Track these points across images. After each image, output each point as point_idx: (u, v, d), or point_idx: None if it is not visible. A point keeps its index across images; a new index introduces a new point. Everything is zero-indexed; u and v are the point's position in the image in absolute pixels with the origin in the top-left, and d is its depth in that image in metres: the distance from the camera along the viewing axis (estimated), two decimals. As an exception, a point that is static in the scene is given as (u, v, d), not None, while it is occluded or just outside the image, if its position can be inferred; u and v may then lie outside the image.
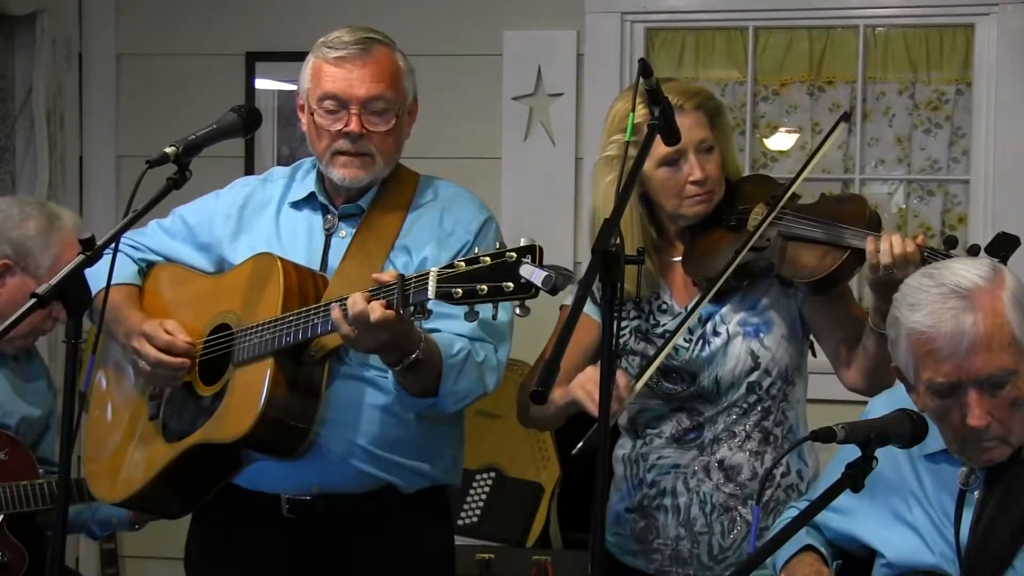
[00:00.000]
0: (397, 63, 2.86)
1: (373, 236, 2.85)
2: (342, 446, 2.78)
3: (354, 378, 2.78)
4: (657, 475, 2.97)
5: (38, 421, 3.57)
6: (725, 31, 4.80)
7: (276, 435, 2.73)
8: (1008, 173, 4.53)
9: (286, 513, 2.83)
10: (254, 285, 2.81)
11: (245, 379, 2.75)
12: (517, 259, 2.37)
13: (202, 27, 5.03)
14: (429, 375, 2.71)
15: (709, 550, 2.94)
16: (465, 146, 4.77)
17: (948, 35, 4.68)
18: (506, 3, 4.82)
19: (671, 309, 2.98)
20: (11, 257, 3.48)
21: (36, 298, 2.28)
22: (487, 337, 2.81)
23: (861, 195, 3.11)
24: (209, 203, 3.01)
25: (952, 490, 2.41)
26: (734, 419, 2.94)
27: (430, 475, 2.89)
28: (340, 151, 2.81)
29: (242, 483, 2.86)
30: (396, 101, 2.83)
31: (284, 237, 2.90)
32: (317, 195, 2.90)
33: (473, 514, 4.28)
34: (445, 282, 2.42)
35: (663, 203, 2.95)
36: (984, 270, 2.35)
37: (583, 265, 4.64)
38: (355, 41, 2.81)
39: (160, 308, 2.95)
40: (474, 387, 2.78)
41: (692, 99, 2.90)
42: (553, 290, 2.33)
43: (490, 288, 2.38)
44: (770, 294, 2.95)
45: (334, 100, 2.79)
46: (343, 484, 2.81)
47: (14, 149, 4.92)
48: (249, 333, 2.76)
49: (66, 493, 2.37)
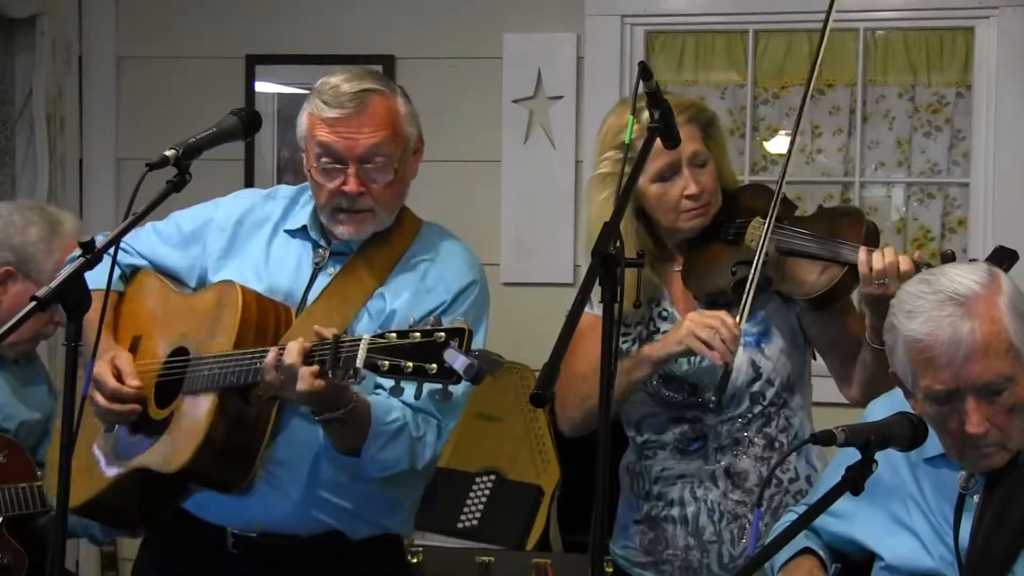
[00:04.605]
0: (395, 109, 2.75)
1: (356, 280, 2.78)
2: (292, 487, 2.73)
3: (311, 419, 2.66)
4: (664, 486, 2.96)
5: (38, 425, 3.57)
6: (725, 34, 4.80)
7: (215, 471, 2.68)
8: (1008, 176, 4.53)
9: (231, 548, 2.78)
10: (215, 313, 2.75)
11: (191, 411, 2.69)
12: (445, 341, 2.32)
13: (202, 30, 5.04)
14: (355, 436, 2.62)
15: (719, 559, 2.92)
16: (465, 149, 4.77)
17: (948, 38, 4.68)
18: (506, 6, 4.82)
19: (672, 316, 2.97)
20: (13, 263, 3.48)
21: (36, 301, 2.28)
22: (434, 411, 2.72)
23: (859, 208, 3.09)
24: (207, 212, 2.95)
25: (952, 494, 2.41)
26: (738, 427, 2.93)
27: (380, 525, 2.82)
28: (339, 208, 2.74)
29: (192, 509, 2.81)
30: (395, 152, 2.73)
31: (272, 264, 2.84)
32: (309, 230, 2.83)
33: (473, 517, 4.28)
34: (375, 352, 2.37)
35: (660, 218, 2.94)
36: (981, 276, 2.33)
37: (583, 269, 4.64)
38: (350, 96, 2.69)
39: (134, 318, 2.91)
40: (400, 460, 2.68)
41: (684, 112, 2.86)
42: (475, 379, 2.29)
43: (415, 367, 2.33)
44: (769, 305, 2.94)
45: (330, 157, 2.71)
46: (288, 525, 2.75)
47: (14, 152, 4.93)
48: (201, 364, 2.71)
49: (66, 495, 2.36)
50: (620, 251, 2.22)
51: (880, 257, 2.70)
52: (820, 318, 2.92)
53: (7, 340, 2.55)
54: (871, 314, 2.75)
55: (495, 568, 4.05)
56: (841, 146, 4.77)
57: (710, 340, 2.73)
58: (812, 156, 4.80)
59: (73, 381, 2.30)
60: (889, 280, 2.65)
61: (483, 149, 4.83)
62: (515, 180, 4.81)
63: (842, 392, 2.96)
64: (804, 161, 4.78)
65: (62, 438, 2.33)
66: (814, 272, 2.84)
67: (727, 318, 2.74)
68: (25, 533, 3.47)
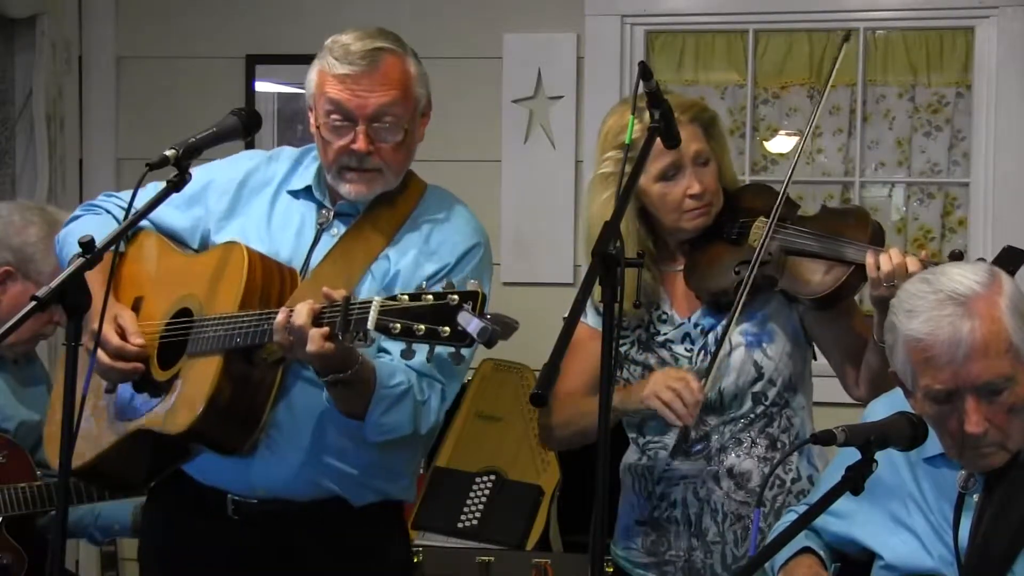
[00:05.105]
0: (407, 70, 2.74)
1: (361, 242, 2.78)
2: (295, 451, 2.72)
3: (315, 384, 2.67)
4: (666, 487, 2.96)
5: (37, 425, 3.55)
6: (725, 34, 4.80)
7: (219, 433, 2.67)
8: (1008, 175, 4.53)
9: (231, 514, 2.78)
10: (219, 274, 2.73)
11: (195, 373, 2.68)
12: (458, 304, 2.31)
13: (202, 30, 5.04)
14: (358, 399, 2.62)
15: (723, 559, 2.92)
16: (465, 149, 4.77)
17: (948, 38, 4.68)
18: (506, 6, 4.82)
19: (671, 319, 2.97)
20: (12, 264, 3.48)
21: (36, 301, 2.28)
22: (438, 375, 2.71)
23: (864, 208, 3.08)
24: (209, 173, 2.92)
25: (951, 494, 2.41)
26: (740, 428, 2.92)
27: (383, 491, 2.82)
28: (347, 167, 2.73)
29: (193, 473, 2.81)
30: (405, 112, 2.72)
31: (275, 224, 2.83)
32: (313, 190, 2.83)
33: (473, 517, 4.28)
34: (386, 315, 2.36)
35: (662, 218, 2.93)
36: (981, 276, 2.34)
37: (583, 269, 4.64)
38: (362, 54, 2.70)
39: (135, 278, 2.88)
40: (403, 424, 2.68)
41: (687, 112, 2.86)
42: (488, 343, 2.28)
43: (427, 330, 2.32)
44: (771, 304, 2.93)
45: (340, 115, 2.70)
46: (289, 490, 2.74)
47: (14, 152, 4.93)
48: (205, 325, 2.69)
49: (66, 496, 2.37)
50: (620, 251, 2.23)
51: (888, 259, 2.70)
52: (824, 318, 2.91)
53: (7, 340, 2.55)
54: (879, 313, 2.75)
55: (495, 568, 4.05)
56: (841, 146, 4.77)
57: (671, 402, 2.74)
58: (812, 156, 4.80)
59: (73, 381, 2.30)
60: (899, 281, 2.64)
61: (483, 149, 4.83)
62: (515, 180, 4.82)
63: (848, 392, 2.95)
64: (804, 161, 4.78)
65: (62, 438, 2.33)
66: (819, 272, 2.84)
67: (692, 381, 2.76)
68: (25, 533, 3.47)
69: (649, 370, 2.93)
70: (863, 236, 2.82)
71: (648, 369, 2.94)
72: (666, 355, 2.95)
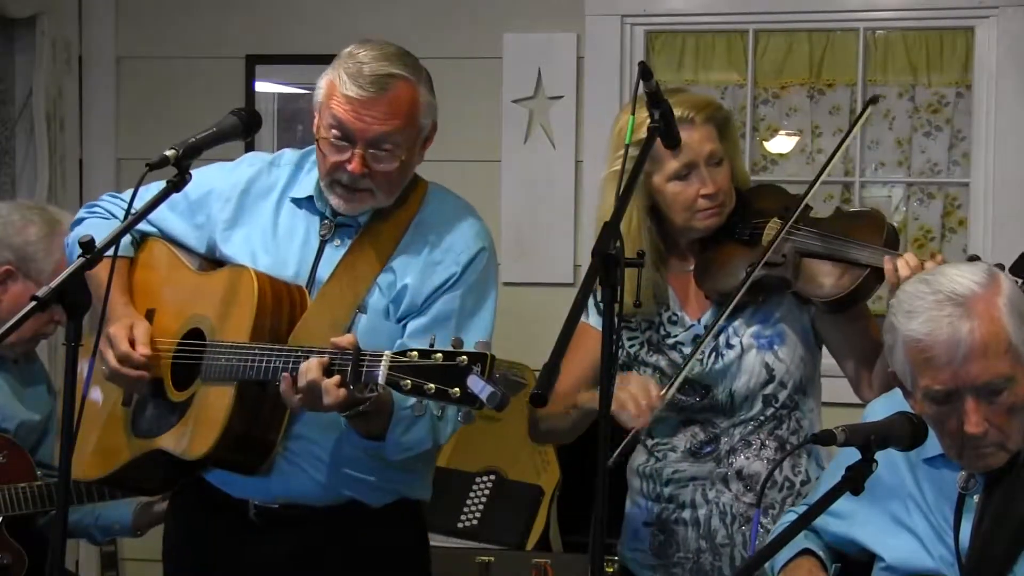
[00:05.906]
0: (416, 99, 2.70)
1: (365, 255, 2.77)
2: (313, 465, 2.75)
3: None
4: (675, 488, 2.95)
5: (38, 425, 3.57)
6: (725, 34, 4.80)
7: (235, 459, 2.71)
8: (1008, 176, 4.53)
9: (253, 517, 2.81)
10: (230, 298, 2.75)
11: (209, 399, 2.70)
12: (468, 365, 2.34)
13: (202, 30, 5.03)
14: (378, 422, 2.64)
15: (731, 561, 2.91)
16: (465, 149, 4.76)
17: (948, 38, 4.68)
18: (506, 6, 4.82)
19: (682, 320, 2.97)
20: (13, 263, 3.48)
21: (36, 301, 2.28)
22: None
23: (878, 210, 3.08)
24: (212, 178, 2.91)
25: (951, 494, 2.41)
26: (749, 430, 2.92)
27: (400, 492, 2.85)
28: (338, 182, 2.72)
29: (214, 482, 2.84)
30: (406, 141, 2.70)
31: (281, 234, 2.83)
32: (315, 200, 2.82)
33: (473, 517, 4.28)
34: (396, 371, 2.39)
35: (674, 217, 2.93)
36: (981, 276, 2.33)
37: (583, 269, 4.64)
38: (372, 79, 2.65)
39: (147, 288, 2.89)
40: (423, 440, 2.71)
41: (702, 111, 2.86)
42: (498, 407, 2.31)
43: (437, 390, 2.35)
44: (783, 307, 2.93)
45: (340, 132, 2.67)
46: (308, 497, 2.78)
47: (14, 152, 4.93)
48: (219, 352, 2.71)
49: (66, 496, 2.36)
50: (620, 251, 2.23)
51: (905, 264, 2.69)
52: (837, 321, 2.90)
53: (7, 340, 2.55)
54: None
55: (495, 568, 4.05)
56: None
57: (624, 404, 2.69)
58: (812, 156, 4.80)
59: (73, 381, 2.30)
60: None
61: (483, 149, 4.83)
62: (515, 180, 4.82)
63: (860, 394, 2.93)
64: (804, 161, 4.79)
65: (62, 438, 2.33)
66: (834, 275, 2.82)
67: (653, 388, 2.73)
68: (25, 533, 3.47)
69: (660, 372, 2.93)
70: (877, 239, 2.81)
71: (659, 371, 2.93)
72: (676, 357, 2.94)
